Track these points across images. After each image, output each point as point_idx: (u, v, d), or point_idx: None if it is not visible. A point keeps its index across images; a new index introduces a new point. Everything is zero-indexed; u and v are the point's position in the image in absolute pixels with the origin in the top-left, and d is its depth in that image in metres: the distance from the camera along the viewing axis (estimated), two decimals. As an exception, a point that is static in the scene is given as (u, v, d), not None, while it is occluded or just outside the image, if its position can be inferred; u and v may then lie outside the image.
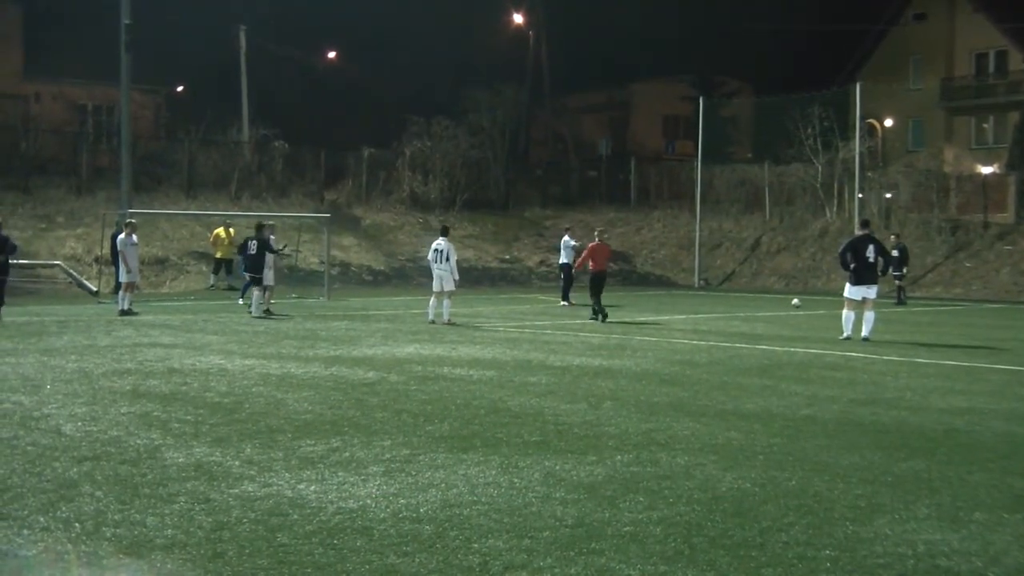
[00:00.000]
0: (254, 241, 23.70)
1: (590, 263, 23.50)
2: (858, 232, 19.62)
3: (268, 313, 23.48)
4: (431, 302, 22.17)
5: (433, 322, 21.60)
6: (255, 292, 23.50)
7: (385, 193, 45.63)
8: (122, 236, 23.98)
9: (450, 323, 21.41)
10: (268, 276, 23.79)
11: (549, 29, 58.71)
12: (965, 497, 7.40)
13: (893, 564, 5.93)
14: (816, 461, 8.52)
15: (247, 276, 23.98)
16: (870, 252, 18.89)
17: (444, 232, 22.92)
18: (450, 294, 22.06)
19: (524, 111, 54.77)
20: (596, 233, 24.55)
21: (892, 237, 31.71)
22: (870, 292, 18.91)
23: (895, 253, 29.28)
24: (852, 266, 18.92)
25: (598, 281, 23.39)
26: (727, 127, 51.48)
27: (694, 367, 14.81)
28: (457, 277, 22.39)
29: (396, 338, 18.49)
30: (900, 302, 30.05)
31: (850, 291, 19.06)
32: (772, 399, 11.81)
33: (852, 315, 18.99)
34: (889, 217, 40.95)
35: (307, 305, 25.53)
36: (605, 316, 22.65)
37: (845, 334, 18.87)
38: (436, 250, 22.20)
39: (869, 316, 18.82)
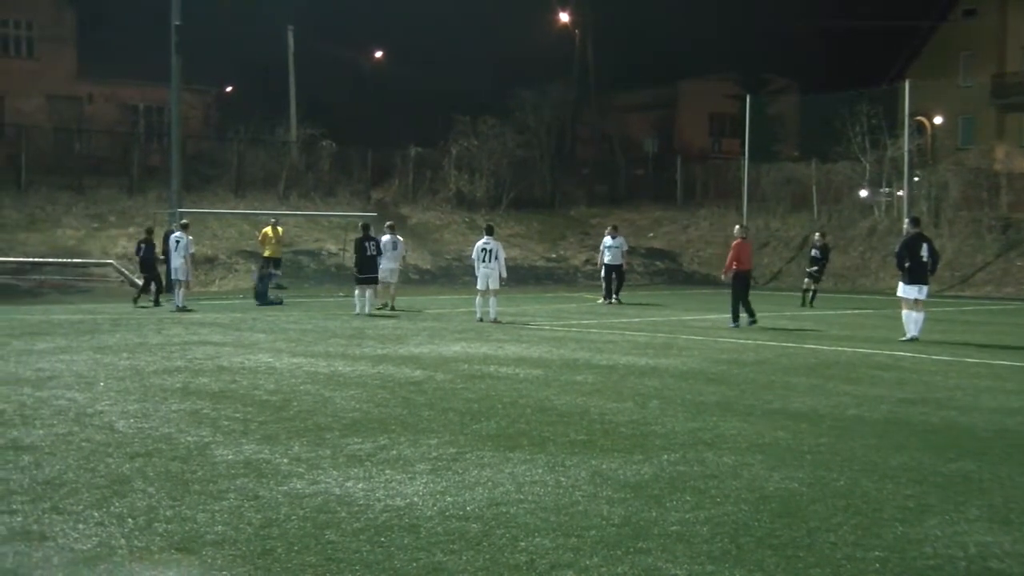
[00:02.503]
0: (372, 243, 23.91)
1: (735, 264, 21.65)
2: (910, 230, 19.36)
3: (385, 309, 24.00)
4: (477, 300, 22.24)
5: (480, 320, 21.66)
6: (368, 292, 23.63)
7: (431, 192, 45.75)
8: (177, 234, 24.56)
9: (496, 322, 21.45)
10: (391, 274, 24.51)
11: (595, 28, 58.55)
12: (1017, 499, 7.31)
13: (943, 566, 5.88)
14: (864, 461, 8.46)
15: (362, 278, 24.00)
16: (924, 251, 18.67)
17: (490, 231, 22.98)
18: (496, 292, 22.13)
19: (570, 110, 54.65)
20: (738, 230, 22.44)
21: (816, 235, 30.44)
22: (922, 292, 18.70)
23: (814, 254, 28.73)
24: (907, 265, 18.71)
25: (745, 281, 21.82)
26: (774, 125, 51.10)
27: (741, 366, 14.73)
28: (505, 275, 22.49)
29: (442, 337, 18.55)
30: (806, 304, 27.79)
31: (904, 290, 18.79)
32: (820, 398, 11.73)
33: (912, 314, 18.70)
34: (939, 216, 40.48)
35: (354, 303, 25.61)
36: (750, 320, 21.27)
37: (909, 335, 18.50)
38: (485, 249, 22.25)
39: (919, 316, 18.63)
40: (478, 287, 22.34)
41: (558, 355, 15.83)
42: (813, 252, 29.01)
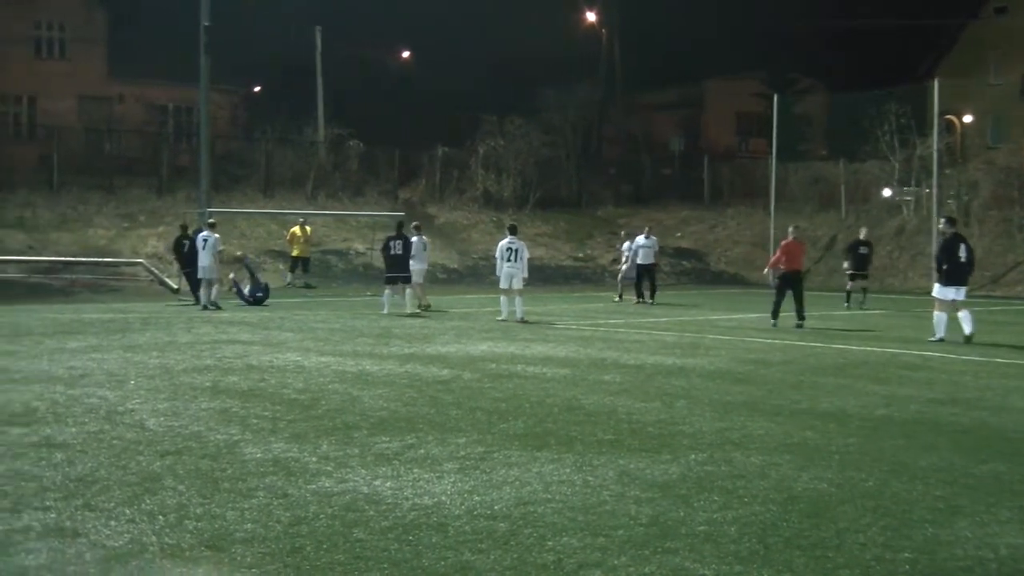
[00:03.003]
0: (398, 241, 23.90)
1: (782, 264, 21.43)
2: (946, 230, 18.95)
3: (423, 309, 23.95)
4: (503, 300, 22.26)
5: (505, 320, 21.67)
6: (407, 291, 23.65)
7: (458, 192, 45.83)
8: (204, 233, 24.74)
9: (523, 321, 21.46)
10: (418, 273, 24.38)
11: (622, 27, 58.46)
12: (1048, 500, 7.27)
13: (974, 568, 5.85)
14: (894, 461, 8.42)
15: (391, 277, 23.93)
16: (962, 252, 18.38)
17: (514, 231, 23.01)
18: (520, 292, 22.14)
19: (597, 109, 54.61)
20: (791, 230, 22.13)
21: (863, 232, 29.92)
22: (960, 293, 18.42)
23: (863, 251, 27.83)
24: (944, 267, 18.43)
25: (791, 281, 21.32)
26: (801, 124, 50.86)
27: (768, 366, 14.69)
28: (526, 275, 22.53)
29: (470, 336, 18.58)
30: (856, 305, 27.17)
31: (941, 291, 18.45)
32: (848, 398, 11.68)
33: (944, 316, 18.34)
34: (969, 215, 40.17)
35: (382, 303, 25.71)
36: (801, 321, 20.87)
37: (938, 336, 18.24)
38: (510, 248, 22.28)
39: (965, 315, 18.19)
40: (501, 286, 22.37)
41: (585, 354, 15.83)
42: (862, 250, 27.99)
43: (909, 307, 26.70)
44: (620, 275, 30.20)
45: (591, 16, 57.54)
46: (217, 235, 25.13)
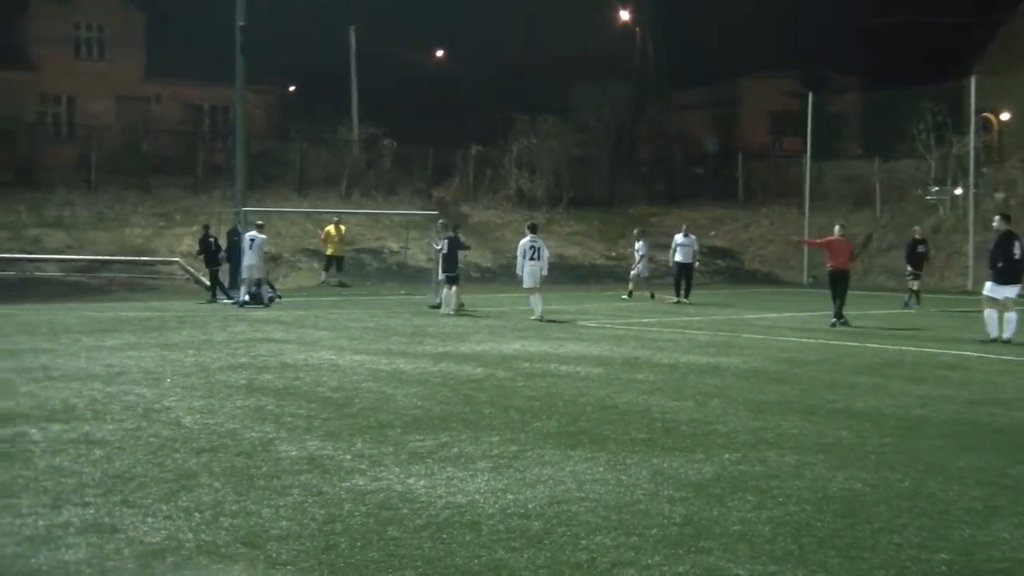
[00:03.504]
0: (446, 240, 24.03)
1: (828, 261, 21.74)
2: (1001, 227, 18.49)
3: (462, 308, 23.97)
4: (533, 299, 22.27)
5: (540, 319, 21.62)
6: (449, 290, 23.70)
7: (492, 191, 45.84)
8: (252, 233, 25.11)
9: (543, 320, 21.46)
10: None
11: (655, 26, 58.36)
12: (1086, 502, 7.20)
13: (1013, 570, 5.80)
14: (930, 462, 8.37)
15: (444, 276, 23.98)
16: (1016, 249, 17.96)
17: (534, 229, 23.15)
18: (539, 290, 22.27)
19: (630, 108, 54.49)
20: (837, 228, 22.30)
21: (917, 230, 29.76)
22: (1012, 291, 18.04)
23: (921, 250, 27.55)
24: (1000, 264, 18.01)
25: (835, 279, 21.52)
26: (836, 123, 50.52)
27: (802, 365, 14.62)
28: (545, 273, 22.75)
29: (503, 335, 18.60)
30: (914, 305, 26.91)
31: (992, 290, 17.99)
32: (883, 398, 11.61)
33: (995, 314, 17.93)
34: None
35: (415, 302, 25.81)
36: (842, 320, 21.02)
37: (991, 335, 17.80)
38: (533, 247, 22.45)
39: (1012, 317, 17.83)
40: (527, 285, 22.42)
41: (618, 353, 15.81)
42: (920, 248, 27.69)
43: (946, 306, 26.47)
44: (633, 273, 30.20)
45: (624, 15, 57.43)
46: (265, 236, 25.52)
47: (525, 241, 22.69)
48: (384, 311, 24.24)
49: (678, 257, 28.30)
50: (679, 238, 28.56)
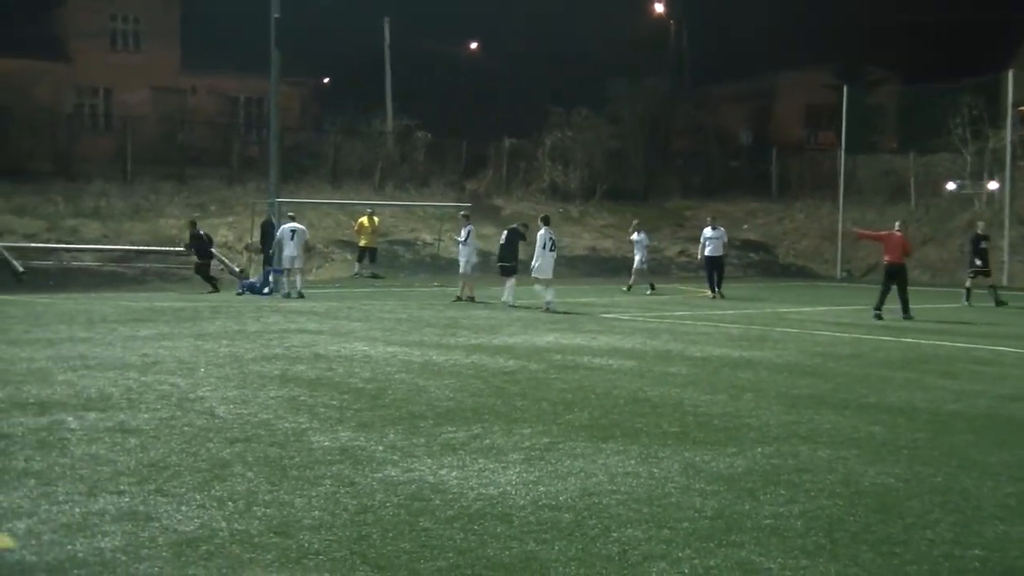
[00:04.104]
0: (504, 232, 24.36)
1: (884, 255, 21.91)
2: None
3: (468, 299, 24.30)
4: (545, 289, 22.49)
5: (551, 310, 21.96)
6: (509, 282, 23.79)
7: (525, 183, 45.84)
8: (293, 224, 25.54)
9: (549, 310, 21.88)
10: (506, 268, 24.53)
11: (690, 19, 58.14)
12: (1123, 499, 7.13)
13: (1045, 566, 5.76)
14: (963, 457, 8.31)
15: (500, 267, 24.26)
16: None
17: (548, 221, 23.61)
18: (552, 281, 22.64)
19: (664, 101, 54.29)
20: (898, 224, 22.50)
21: (980, 225, 29.05)
22: None
23: (984, 245, 26.99)
24: None
25: (895, 274, 21.54)
26: (871, 116, 50.13)
27: (836, 359, 14.55)
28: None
29: (536, 327, 18.61)
30: (1000, 302, 26.25)
31: None
32: (917, 393, 11.53)
33: None
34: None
35: (449, 293, 25.85)
36: (879, 316, 21.08)
37: None
38: (552, 239, 23.02)
39: None
40: (546, 276, 22.75)
41: (651, 346, 15.79)
42: (983, 244, 27.27)
43: (980, 301, 26.24)
44: (634, 266, 30.15)
45: (659, 7, 57.20)
46: (303, 227, 25.89)
47: (543, 233, 23.06)
48: (417, 303, 24.32)
49: (708, 251, 28.05)
50: (708, 231, 28.28)
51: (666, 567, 5.62)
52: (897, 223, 22.25)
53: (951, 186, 43.18)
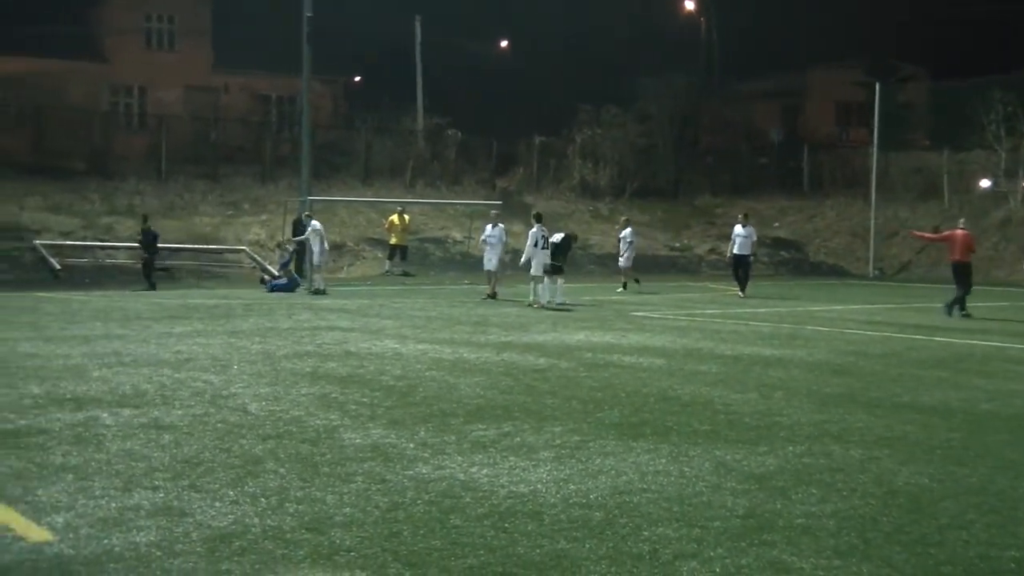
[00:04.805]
0: (561, 234, 24.28)
1: (949, 255, 22.20)
2: None
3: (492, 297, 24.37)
4: (543, 287, 22.57)
5: (554, 305, 22.14)
6: (559, 281, 23.74)
7: (555, 181, 45.82)
8: (316, 224, 25.61)
9: (542, 306, 22.04)
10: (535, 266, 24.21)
11: (720, 16, 57.90)
12: None
13: (1081, 567, 5.71)
14: (999, 457, 8.25)
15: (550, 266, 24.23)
16: None
17: (539, 219, 23.75)
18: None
19: (694, 98, 54.10)
20: (961, 221, 22.83)
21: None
22: None
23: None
24: None
25: (955, 272, 21.88)
26: (903, 113, 49.76)
27: (868, 358, 14.46)
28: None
29: (566, 325, 18.61)
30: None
31: None
32: (951, 392, 11.45)
33: None
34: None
35: (479, 291, 25.87)
36: (951, 311, 21.27)
37: None
38: (544, 236, 22.99)
39: None
40: (537, 273, 22.73)
41: (681, 344, 15.76)
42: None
43: (1016, 299, 26.00)
44: (620, 263, 30.07)
45: (689, 4, 57.00)
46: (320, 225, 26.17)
47: (535, 231, 23.07)
48: (447, 300, 24.37)
49: (736, 249, 27.69)
50: (738, 229, 27.90)
51: (697, 566, 5.62)
52: (961, 221, 22.29)
53: (985, 184, 42.76)
